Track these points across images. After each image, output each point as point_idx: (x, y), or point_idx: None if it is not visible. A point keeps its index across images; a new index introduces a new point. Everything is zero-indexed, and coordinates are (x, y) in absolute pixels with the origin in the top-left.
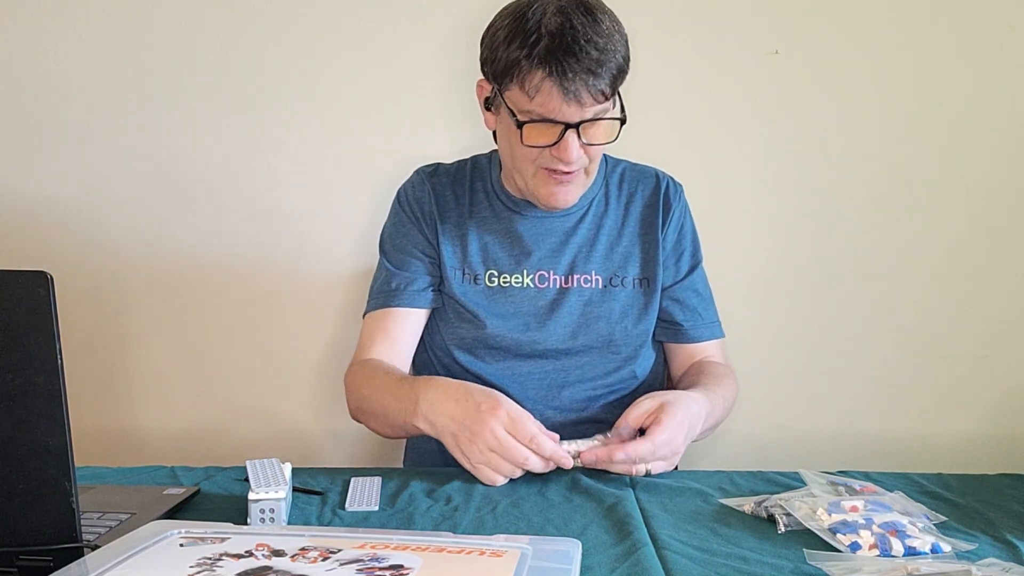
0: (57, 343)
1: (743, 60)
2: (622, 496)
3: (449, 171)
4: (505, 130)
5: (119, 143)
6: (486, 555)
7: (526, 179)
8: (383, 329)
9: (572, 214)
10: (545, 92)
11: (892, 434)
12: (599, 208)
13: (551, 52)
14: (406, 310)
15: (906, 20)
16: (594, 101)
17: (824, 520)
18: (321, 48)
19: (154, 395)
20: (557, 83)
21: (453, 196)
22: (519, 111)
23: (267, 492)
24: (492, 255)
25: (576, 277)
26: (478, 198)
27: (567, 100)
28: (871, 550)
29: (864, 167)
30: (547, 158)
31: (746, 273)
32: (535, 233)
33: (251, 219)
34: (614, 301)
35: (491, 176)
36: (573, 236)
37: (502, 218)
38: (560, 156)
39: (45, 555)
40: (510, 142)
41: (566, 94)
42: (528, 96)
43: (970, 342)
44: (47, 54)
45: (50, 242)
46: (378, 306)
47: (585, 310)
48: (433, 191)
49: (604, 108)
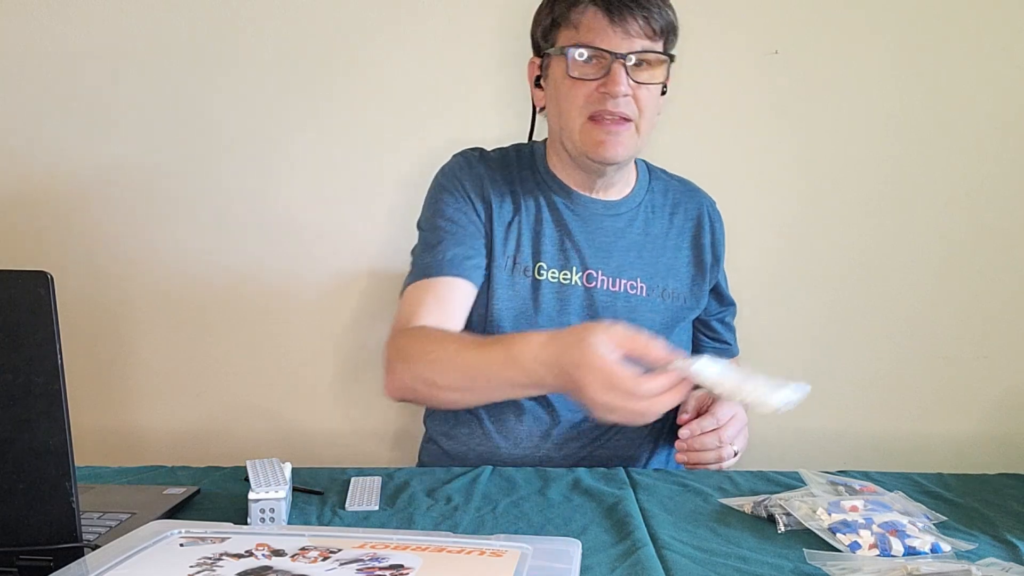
0: (57, 343)
1: (743, 60)
2: (622, 496)
3: (494, 156)
4: (553, 88)
5: (119, 143)
6: (486, 555)
7: (575, 132)
8: (435, 295)
9: (622, 215)
10: (590, 17)
11: (892, 434)
12: (648, 214)
13: None
14: (462, 281)
15: (907, 20)
16: (641, 33)
17: (824, 520)
18: (331, 49)
19: (154, 395)
20: (603, 9)
21: (503, 179)
22: (567, 43)
23: (267, 492)
24: (542, 246)
25: (623, 282)
26: (527, 184)
27: (613, 25)
28: (871, 550)
29: (864, 168)
30: (594, 100)
31: (746, 273)
32: (586, 228)
33: (251, 219)
34: (656, 312)
35: (538, 163)
36: (622, 239)
37: (553, 207)
38: (608, 90)
39: (45, 555)
40: (558, 95)
41: (611, 18)
42: (575, 28)
43: (970, 342)
44: (48, 56)
45: (50, 242)
46: (426, 275)
47: (630, 318)
48: (486, 171)
49: (652, 46)
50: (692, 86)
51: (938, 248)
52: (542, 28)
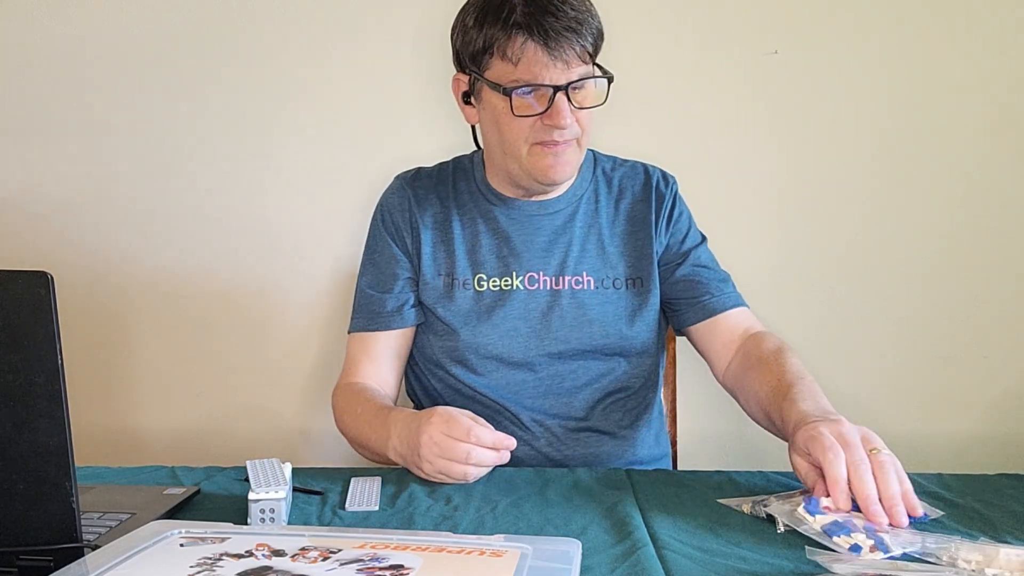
0: (57, 343)
1: (743, 60)
2: (622, 496)
3: (431, 174)
4: (491, 114)
5: (120, 144)
6: (486, 555)
7: (520, 159)
8: (366, 353)
9: (561, 211)
10: (530, 54)
11: (892, 434)
12: (589, 206)
13: (530, 15)
14: (388, 333)
15: (907, 20)
16: (580, 61)
17: (811, 522)
18: (308, 57)
19: (154, 395)
20: (541, 43)
21: (436, 198)
22: (506, 82)
23: (267, 492)
24: (480, 258)
25: (567, 279)
26: (463, 197)
27: (553, 60)
28: (872, 552)
29: (864, 167)
30: (539, 130)
31: (746, 273)
32: (524, 232)
33: (251, 220)
34: (607, 303)
35: (475, 175)
36: (563, 235)
37: (489, 217)
38: (554, 122)
39: (45, 555)
40: (498, 123)
41: (551, 53)
42: (512, 63)
43: (970, 342)
44: (47, 57)
45: (50, 242)
46: (359, 328)
47: (578, 313)
48: (414, 196)
49: (588, 70)
50: (692, 85)
51: (938, 248)
52: (470, 49)
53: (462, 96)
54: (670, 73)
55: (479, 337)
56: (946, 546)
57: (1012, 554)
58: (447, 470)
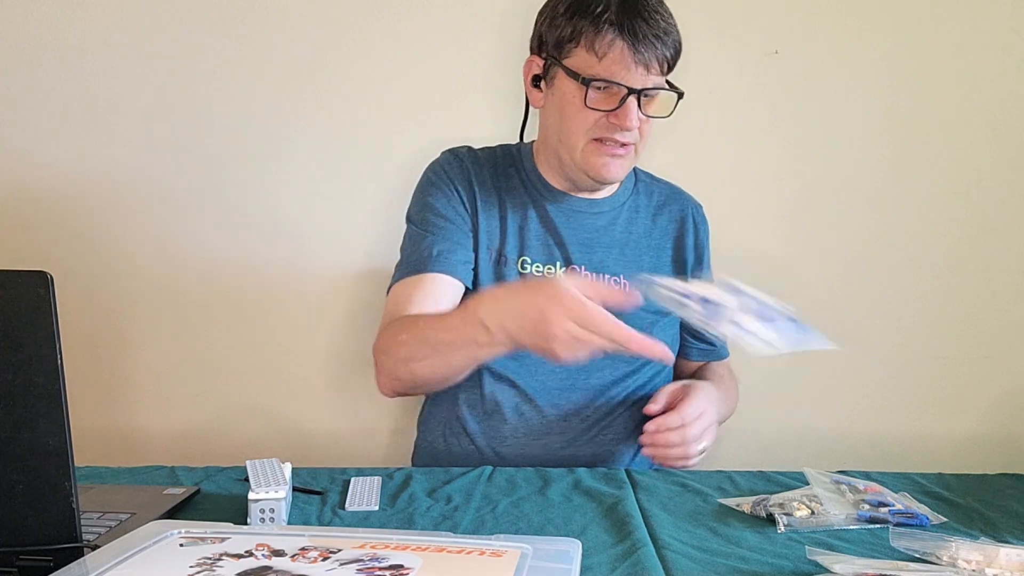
0: (57, 343)
1: (743, 60)
2: (622, 496)
3: (482, 153)
4: (559, 101)
5: (120, 143)
6: (486, 555)
7: (576, 151)
8: (421, 290)
9: (604, 213)
10: (617, 51)
11: (893, 434)
12: (631, 214)
13: (624, 13)
14: (447, 277)
15: (907, 20)
16: (659, 69)
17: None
18: (327, 48)
19: (154, 395)
20: (629, 43)
21: (490, 176)
22: (586, 73)
23: (267, 492)
24: (527, 241)
25: (606, 277)
26: (512, 182)
27: (636, 62)
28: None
29: (864, 168)
30: (602, 126)
31: (746, 273)
32: (569, 225)
33: (251, 219)
34: (635, 309)
35: (524, 164)
36: (604, 236)
37: (537, 204)
38: (620, 123)
39: (45, 555)
40: (563, 111)
41: (636, 55)
42: (597, 56)
43: (971, 342)
44: (48, 56)
45: (50, 242)
46: (413, 272)
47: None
48: (473, 166)
49: (662, 82)
50: (691, 86)
51: (939, 248)
52: (556, 34)
53: (532, 79)
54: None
55: None
56: (946, 546)
57: (1012, 554)
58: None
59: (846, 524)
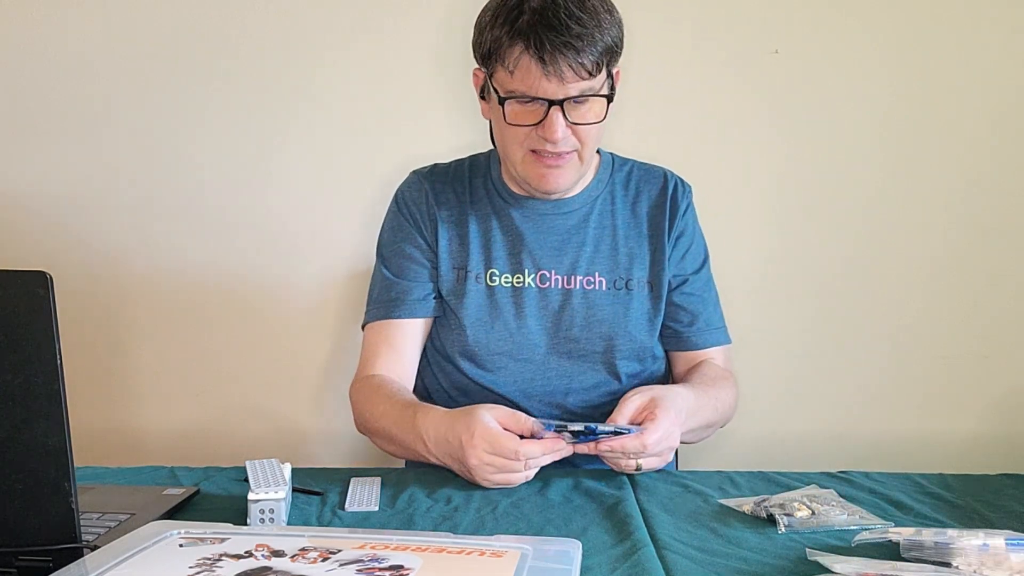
0: (57, 343)
1: (743, 60)
2: (622, 496)
3: (447, 170)
4: (495, 115)
5: (119, 143)
6: (486, 555)
7: (516, 164)
8: (386, 342)
9: (575, 211)
10: (524, 67)
11: (893, 434)
12: (604, 207)
13: (531, 26)
14: (408, 321)
15: (907, 20)
16: (576, 77)
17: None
18: (317, 53)
19: (154, 395)
20: (535, 57)
21: (453, 193)
22: (503, 90)
23: (267, 492)
24: (493, 254)
25: (579, 279)
26: (478, 194)
27: (546, 75)
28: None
29: (864, 167)
30: (535, 139)
31: (746, 273)
32: (537, 230)
33: (251, 220)
34: (618, 305)
35: (491, 172)
36: (576, 235)
37: (503, 214)
38: (545, 135)
39: (45, 555)
40: (498, 126)
41: (545, 68)
42: (509, 73)
43: (971, 342)
44: (47, 57)
45: (50, 242)
46: (379, 316)
47: (588, 313)
48: (432, 190)
49: (590, 87)
50: (692, 85)
51: (937, 247)
52: (482, 50)
53: (479, 90)
54: (669, 73)
55: (489, 333)
56: (952, 551)
57: (1018, 557)
58: (507, 482)
59: (847, 524)
